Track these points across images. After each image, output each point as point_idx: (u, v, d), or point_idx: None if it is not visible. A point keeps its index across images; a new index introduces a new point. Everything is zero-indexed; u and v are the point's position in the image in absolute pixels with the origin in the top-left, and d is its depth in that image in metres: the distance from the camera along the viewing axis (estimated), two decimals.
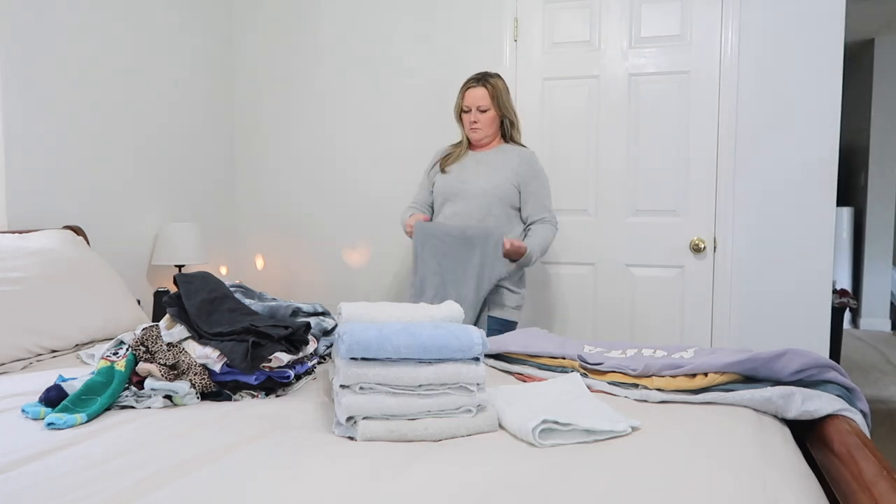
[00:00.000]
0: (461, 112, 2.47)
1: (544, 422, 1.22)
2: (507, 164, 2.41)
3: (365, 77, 3.30)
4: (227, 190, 3.51)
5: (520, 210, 2.44)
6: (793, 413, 1.37)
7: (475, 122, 2.41)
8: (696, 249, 2.86)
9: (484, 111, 2.40)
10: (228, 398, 1.49)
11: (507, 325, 2.38)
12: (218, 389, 1.49)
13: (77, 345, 1.99)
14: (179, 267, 2.94)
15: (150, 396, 1.43)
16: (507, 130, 2.48)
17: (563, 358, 1.69)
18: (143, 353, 1.49)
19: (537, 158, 2.46)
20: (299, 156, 3.44)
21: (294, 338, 1.60)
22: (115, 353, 1.51)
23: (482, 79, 2.42)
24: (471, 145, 2.53)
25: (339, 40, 3.33)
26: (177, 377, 1.46)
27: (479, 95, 2.39)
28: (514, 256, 2.33)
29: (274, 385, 1.54)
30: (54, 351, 1.92)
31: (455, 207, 2.43)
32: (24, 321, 1.84)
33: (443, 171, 2.51)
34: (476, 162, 2.46)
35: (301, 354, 1.60)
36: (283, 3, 3.41)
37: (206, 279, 1.68)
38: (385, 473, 1.06)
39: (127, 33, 2.83)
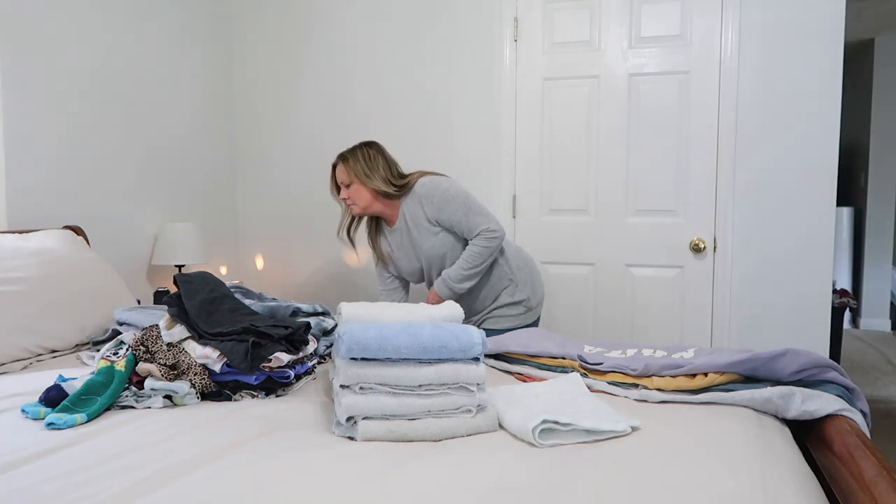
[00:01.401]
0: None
1: (544, 422, 1.22)
2: (420, 221, 2.27)
3: (364, 77, 3.30)
4: (227, 190, 3.51)
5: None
6: (793, 413, 1.37)
7: (346, 198, 2.31)
8: (696, 249, 2.86)
9: (348, 185, 2.30)
10: (228, 398, 1.49)
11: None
12: (218, 389, 1.49)
13: (77, 345, 1.99)
14: (179, 267, 2.94)
15: (150, 396, 1.43)
16: (388, 193, 2.28)
17: (564, 358, 1.69)
18: (143, 353, 1.49)
19: (431, 184, 2.26)
20: (299, 156, 3.44)
21: (294, 338, 1.60)
22: (115, 353, 1.51)
23: (343, 154, 2.32)
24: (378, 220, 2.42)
25: (338, 41, 3.33)
26: (177, 377, 1.46)
27: (340, 171, 2.31)
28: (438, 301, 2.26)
29: (274, 385, 1.54)
30: (54, 351, 1.92)
31: (427, 281, 2.42)
32: (24, 321, 1.84)
33: (384, 263, 2.43)
34: (401, 242, 2.35)
35: (301, 354, 1.60)
36: (283, 4, 3.41)
37: (206, 279, 1.68)
38: (385, 473, 1.06)
39: (127, 33, 2.83)
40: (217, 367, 1.47)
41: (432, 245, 2.28)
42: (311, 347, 1.65)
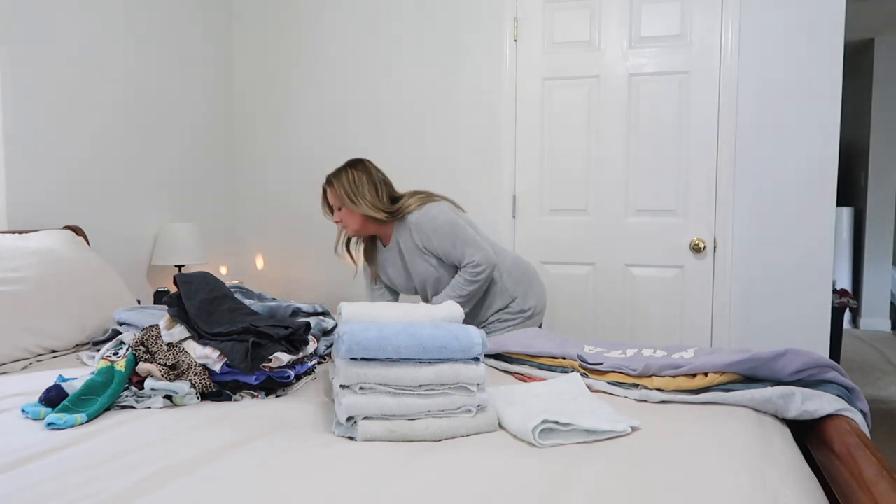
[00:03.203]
0: None
1: (544, 422, 1.22)
2: (411, 248, 2.27)
3: (365, 77, 3.30)
4: (227, 190, 3.51)
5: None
6: (793, 413, 1.37)
7: (338, 221, 2.30)
8: (696, 249, 2.86)
9: (339, 208, 2.28)
10: (228, 398, 1.49)
11: None
12: (218, 389, 1.49)
13: (77, 345, 1.98)
14: (179, 267, 2.94)
15: (150, 396, 1.43)
16: (377, 219, 2.25)
17: (564, 358, 1.69)
18: (143, 353, 1.49)
19: (420, 214, 2.22)
20: (299, 156, 3.44)
21: (294, 338, 1.60)
22: (115, 353, 1.51)
23: (329, 177, 2.30)
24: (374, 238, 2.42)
25: (338, 41, 3.33)
26: (177, 377, 1.46)
27: (330, 194, 2.29)
28: None
29: (274, 385, 1.54)
30: (54, 351, 1.92)
31: (421, 294, 2.42)
32: (24, 321, 1.84)
33: (374, 276, 2.47)
34: (394, 261, 2.36)
35: (301, 354, 1.60)
36: (283, 4, 3.41)
37: (206, 279, 1.68)
38: (385, 474, 1.06)
39: (127, 33, 2.83)
40: (217, 367, 1.47)
41: (425, 269, 2.28)
42: (311, 347, 1.65)
